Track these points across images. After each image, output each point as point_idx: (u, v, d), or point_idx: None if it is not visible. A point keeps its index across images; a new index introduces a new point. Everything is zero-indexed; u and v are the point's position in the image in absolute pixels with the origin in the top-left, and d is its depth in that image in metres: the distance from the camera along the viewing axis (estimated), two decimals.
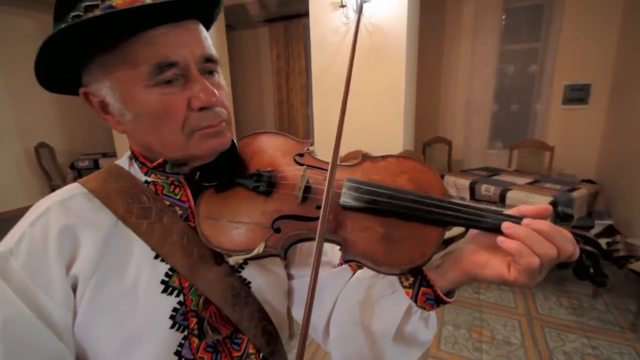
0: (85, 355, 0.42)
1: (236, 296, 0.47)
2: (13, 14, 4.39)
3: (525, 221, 0.38)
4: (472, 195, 2.66)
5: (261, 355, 0.51)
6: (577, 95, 3.48)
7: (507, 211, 0.42)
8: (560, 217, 0.42)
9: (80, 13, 0.38)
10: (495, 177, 2.83)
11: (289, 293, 0.59)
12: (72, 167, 4.46)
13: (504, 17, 3.68)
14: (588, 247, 0.41)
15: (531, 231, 0.37)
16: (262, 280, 0.51)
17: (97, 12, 0.37)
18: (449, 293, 0.44)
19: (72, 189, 0.46)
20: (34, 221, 0.41)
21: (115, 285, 0.42)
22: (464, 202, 0.43)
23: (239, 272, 0.50)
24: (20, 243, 0.39)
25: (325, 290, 0.54)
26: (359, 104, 2.87)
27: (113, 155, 4.16)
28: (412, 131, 3.26)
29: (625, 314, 2.11)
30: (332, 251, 0.58)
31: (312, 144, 0.54)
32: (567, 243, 0.37)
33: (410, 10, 2.63)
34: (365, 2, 2.61)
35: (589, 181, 3.06)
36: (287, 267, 0.58)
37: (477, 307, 2.24)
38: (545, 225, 0.37)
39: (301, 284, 0.57)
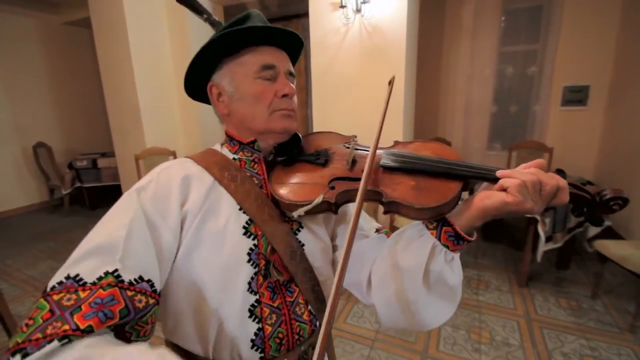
0: (184, 279, 0.54)
1: (293, 252, 0.60)
2: (12, 13, 4.37)
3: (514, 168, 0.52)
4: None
5: (309, 307, 0.62)
6: (576, 96, 3.49)
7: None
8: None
9: (216, 35, 0.60)
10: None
11: (334, 263, 0.70)
12: (70, 166, 4.44)
13: (503, 18, 3.69)
14: (581, 193, 0.52)
15: (516, 170, 0.51)
16: (312, 244, 0.64)
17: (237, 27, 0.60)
18: (469, 235, 0.53)
19: (184, 159, 0.63)
20: (160, 171, 0.58)
21: (213, 222, 0.56)
22: (474, 164, 0.55)
23: (296, 234, 0.63)
24: (151, 182, 0.55)
25: (366, 252, 0.65)
26: (358, 105, 2.87)
27: (111, 155, 4.14)
28: (411, 132, 3.26)
29: (624, 316, 2.11)
30: (370, 230, 0.71)
31: (356, 137, 0.70)
32: (549, 177, 0.48)
33: (410, 11, 2.63)
34: (364, 2, 2.61)
35: (588, 182, 3.07)
36: (332, 239, 0.71)
37: (476, 308, 2.24)
38: (532, 164, 0.51)
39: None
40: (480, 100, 3.94)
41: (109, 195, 4.58)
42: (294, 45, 0.68)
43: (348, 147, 0.67)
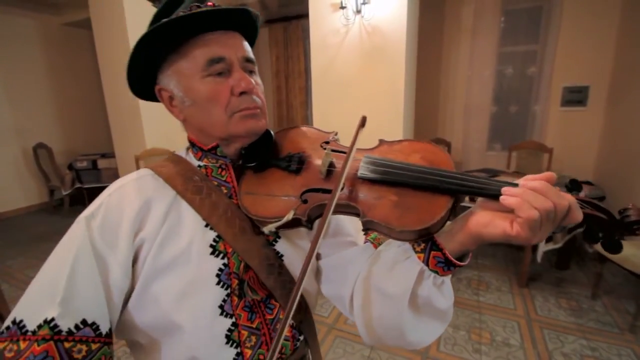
0: (147, 313, 0.50)
1: (270, 266, 0.55)
2: (11, 14, 4.38)
3: (521, 182, 0.42)
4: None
5: (291, 322, 0.58)
6: (576, 97, 3.49)
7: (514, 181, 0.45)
8: (568, 188, 0.45)
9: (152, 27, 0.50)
10: (494, 179, 2.83)
11: (317, 272, 0.66)
12: (70, 167, 4.44)
13: (502, 19, 3.69)
14: (596, 213, 0.43)
15: (526, 189, 0.40)
16: (292, 254, 0.59)
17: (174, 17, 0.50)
18: (462, 258, 0.48)
19: (142, 172, 0.56)
20: (111, 193, 0.51)
21: (174, 244, 0.50)
22: (469, 174, 0.46)
23: (273, 245, 0.58)
24: (99, 208, 0.49)
25: (350, 265, 0.60)
26: (358, 105, 2.87)
27: (111, 156, 4.15)
28: (411, 132, 3.26)
29: (624, 316, 2.12)
30: (357, 233, 0.65)
31: (336, 134, 0.62)
32: (561, 198, 0.39)
33: (410, 12, 2.63)
34: (364, 3, 2.62)
35: (587, 182, 3.07)
36: None
37: (476, 309, 2.24)
38: (538, 183, 0.40)
39: (327, 263, 0.63)
40: (480, 100, 3.94)
41: None
42: (247, 21, 0.57)
43: (323, 148, 0.59)
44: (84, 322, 0.44)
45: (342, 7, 2.68)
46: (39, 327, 0.42)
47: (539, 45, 3.62)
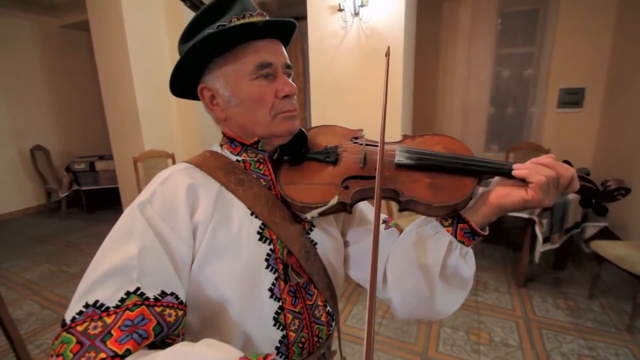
0: (202, 293, 0.52)
1: (307, 253, 0.59)
2: (9, 16, 4.37)
3: (529, 160, 0.52)
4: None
5: (327, 308, 0.62)
6: (572, 98, 3.52)
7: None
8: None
9: (212, 30, 0.54)
10: (492, 179, 2.85)
11: (346, 259, 0.70)
12: (67, 169, 4.42)
13: (499, 21, 3.72)
14: (588, 184, 0.55)
15: (534, 163, 0.50)
16: (325, 242, 0.63)
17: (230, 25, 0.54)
18: (482, 229, 0.54)
19: (184, 164, 0.58)
20: (163, 181, 0.53)
21: (226, 231, 0.53)
22: (488, 159, 0.55)
23: (309, 233, 0.62)
24: (154, 194, 0.51)
25: (379, 247, 0.63)
26: (356, 107, 2.88)
27: (109, 158, 4.13)
28: (409, 133, 3.27)
29: (621, 316, 2.13)
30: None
31: (362, 131, 0.68)
32: (565, 169, 0.49)
33: (408, 15, 2.65)
34: (362, 5, 2.63)
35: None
36: (343, 235, 0.70)
37: (474, 309, 2.25)
38: (545, 158, 0.51)
39: (356, 249, 0.69)
40: (478, 102, 3.97)
41: (107, 198, 4.58)
42: (289, 30, 0.63)
43: (357, 143, 0.65)
44: (163, 293, 0.45)
45: (340, 10, 2.69)
46: (122, 300, 0.42)
47: (535, 48, 3.65)
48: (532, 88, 3.74)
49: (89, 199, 4.58)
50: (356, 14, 2.68)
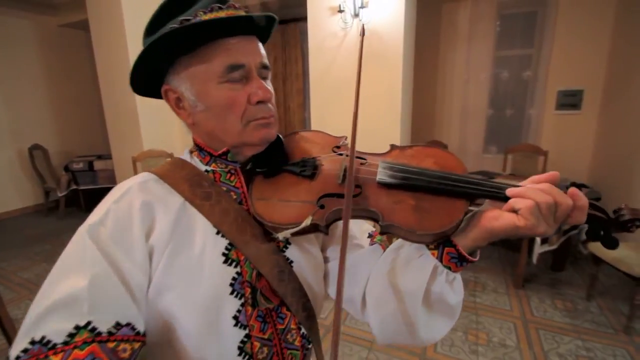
0: (157, 321, 0.47)
1: (281, 273, 0.53)
2: (8, 15, 4.36)
3: (523, 184, 0.46)
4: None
5: (301, 331, 0.57)
6: (570, 100, 3.54)
7: (520, 183, 0.47)
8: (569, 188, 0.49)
9: (177, 25, 0.48)
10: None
11: (325, 275, 0.65)
12: (66, 169, 4.41)
13: (498, 23, 3.74)
14: (597, 213, 0.46)
15: (529, 187, 0.44)
16: (302, 260, 0.58)
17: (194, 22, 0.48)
18: (472, 254, 0.49)
19: (145, 176, 0.53)
20: (118, 199, 0.48)
21: (186, 254, 0.48)
22: (483, 178, 0.48)
23: (284, 251, 0.56)
24: (107, 215, 0.47)
25: (359, 266, 0.60)
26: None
27: (108, 157, 4.12)
28: (408, 135, 3.28)
29: (619, 317, 2.14)
30: (362, 235, 0.65)
31: (346, 138, 0.61)
32: (564, 197, 0.43)
33: (407, 16, 2.66)
34: (362, 7, 2.64)
35: (582, 185, 3.11)
36: (323, 250, 0.65)
37: (473, 310, 2.26)
38: (542, 184, 0.44)
39: (336, 266, 0.62)
40: (476, 104, 3.98)
41: None
42: (267, 25, 0.55)
43: (338, 154, 0.58)
44: (118, 324, 0.42)
45: (340, 11, 2.70)
46: (71, 335, 0.38)
47: (534, 50, 3.66)
48: (530, 90, 3.76)
49: (87, 199, 4.57)
50: (356, 15, 2.69)
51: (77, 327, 0.39)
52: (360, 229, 0.66)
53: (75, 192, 4.48)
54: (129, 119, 3.30)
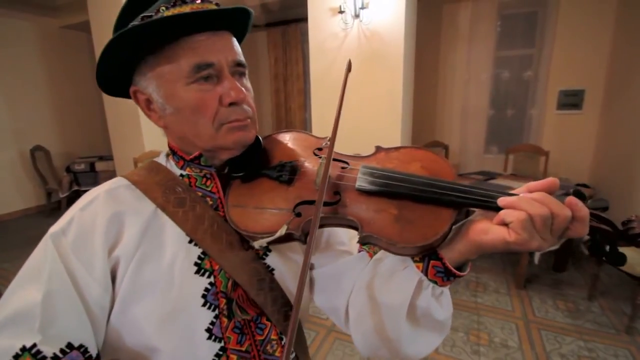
0: (125, 336, 0.45)
1: (261, 281, 0.50)
2: (9, 17, 4.37)
3: (518, 191, 0.42)
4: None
5: (282, 342, 0.54)
6: (571, 100, 3.53)
7: (515, 190, 0.43)
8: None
9: (138, 23, 0.45)
10: (491, 181, 2.87)
11: (310, 283, 0.62)
12: (68, 170, 4.42)
13: (499, 23, 3.74)
14: (602, 226, 0.41)
15: (522, 197, 0.39)
16: (284, 268, 0.55)
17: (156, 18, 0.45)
18: (460, 268, 0.45)
19: (117, 181, 0.51)
20: (84, 207, 0.46)
21: (154, 265, 0.46)
22: (473, 185, 0.43)
23: (264, 259, 0.54)
24: (70, 224, 0.45)
25: (345, 275, 0.57)
26: (357, 109, 2.89)
27: (109, 158, 4.14)
28: (409, 135, 3.28)
29: (620, 317, 2.14)
30: (350, 241, 0.62)
31: (328, 139, 0.57)
32: (561, 207, 0.38)
33: (408, 17, 2.66)
34: (363, 8, 2.64)
35: (583, 185, 3.11)
36: None
37: (474, 311, 2.26)
38: (537, 193, 0.39)
39: (321, 273, 0.60)
40: (477, 104, 3.98)
41: None
42: (240, 19, 0.51)
43: (318, 157, 0.54)
44: (69, 345, 0.39)
45: (341, 12, 2.70)
46: (16, 357, 0.36)
47: (535, 50, 3.66)
48: (531, 90, 3.76)
49: None
50: (357, 16, 2.69)
51: (23, 349, 0.37)
52: (349, 234, 0.62)
53: (77, 193, 4.49)
54: (130, 120, 3.31)
